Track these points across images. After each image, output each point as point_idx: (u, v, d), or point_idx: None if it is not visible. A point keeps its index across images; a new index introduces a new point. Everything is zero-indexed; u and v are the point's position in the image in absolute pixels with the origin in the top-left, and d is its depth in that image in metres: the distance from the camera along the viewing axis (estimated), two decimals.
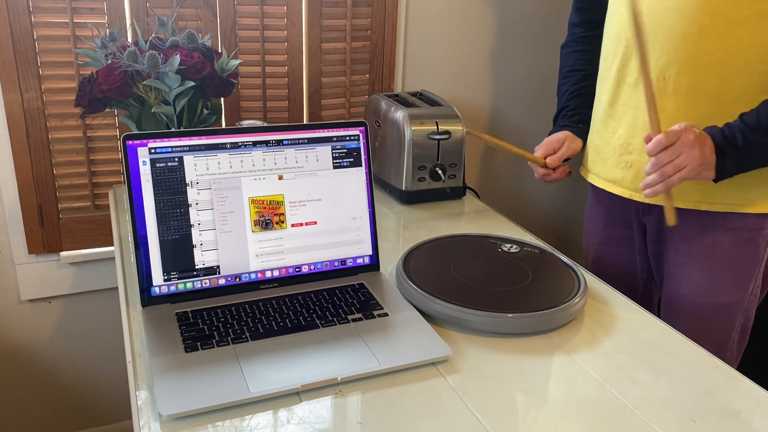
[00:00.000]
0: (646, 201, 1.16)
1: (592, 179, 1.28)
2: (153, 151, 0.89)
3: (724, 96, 1.06)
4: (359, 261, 1.01)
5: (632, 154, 1.16)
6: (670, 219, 1.07)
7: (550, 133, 1.34)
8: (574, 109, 1.32)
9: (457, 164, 1.39)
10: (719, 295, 1.16)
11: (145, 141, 0.88)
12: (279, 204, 0.96)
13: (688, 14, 1.04)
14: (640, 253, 1.30)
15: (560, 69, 1.39)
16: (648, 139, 1.03)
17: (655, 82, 1.09)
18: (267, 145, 0.95)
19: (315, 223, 0.98)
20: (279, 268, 0.96)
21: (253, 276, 0.95)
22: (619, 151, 1.19)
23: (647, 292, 1.34)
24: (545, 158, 1.29)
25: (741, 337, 1.21)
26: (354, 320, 0.89)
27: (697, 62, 1.05)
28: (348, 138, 1.00)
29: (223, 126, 1.54)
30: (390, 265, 1.09)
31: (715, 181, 1.05)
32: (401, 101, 1.44)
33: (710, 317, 1.17)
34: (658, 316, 1.28)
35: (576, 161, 1.37)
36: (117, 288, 1.52)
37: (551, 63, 1.88)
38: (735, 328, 1.19)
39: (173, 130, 1.06)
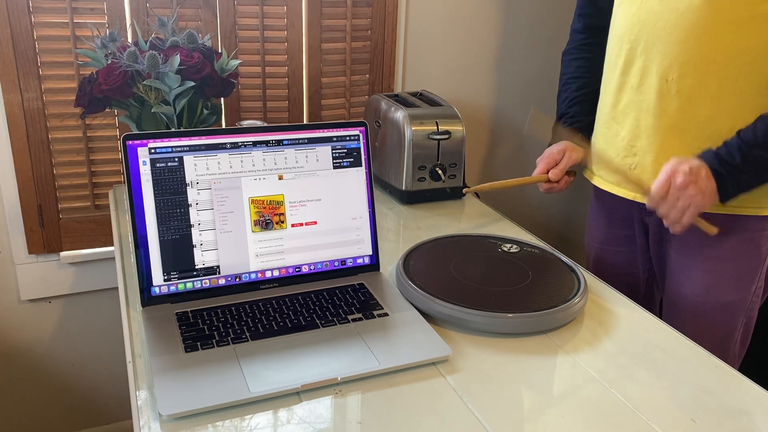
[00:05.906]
0: None
1: (597, 182, 1.28)
2: (153, 151, 0.89)
3: (726, 97, 1.06)
4: (359, 261, 1.01)
5: (636, 156, 1.16)
6: (710, 231, 1.09)
7: (550, 143, 1.33)
8: (574, 117, 1.31)
9: (457, 164, 1.39)
10: (721, 295, 1.16)
11: (145, 141, 0.88)
12: (279, 204, 0.96)
13: (691, 16, 1.04)
14: (642, 252, 1.30)
15: (561, 76, 1.38)
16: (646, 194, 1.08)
17: (658, 84, 1.10)
18: (267, 145, 0.95)
19: (315, 223, 0.98)
20: (279, 268, 0.96)
21: (253, 276, 0.95)
22: (623, 153, 1.18)
23: (649, 292, 1.34)
24: (548, 172, 1.28)
25: (743, 338, 1.21)
26: (354, 320, 0.89)
27: (700, 64, 1.05)
28: (348, 138, 1.00)
29: (223, 126, 1.54)
30: (390, 265, 1.09)
31: (722, 202, 1.06)
32: (401, 101, 1.44)
33: (712, 317, 1.17)
34: (661, 315, 1.28)
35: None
36: (117, 288, 1.52)
37: (552, 63, 1.88)
38: (737, 328, 1.19)
39: (173, 130, 1.06)
